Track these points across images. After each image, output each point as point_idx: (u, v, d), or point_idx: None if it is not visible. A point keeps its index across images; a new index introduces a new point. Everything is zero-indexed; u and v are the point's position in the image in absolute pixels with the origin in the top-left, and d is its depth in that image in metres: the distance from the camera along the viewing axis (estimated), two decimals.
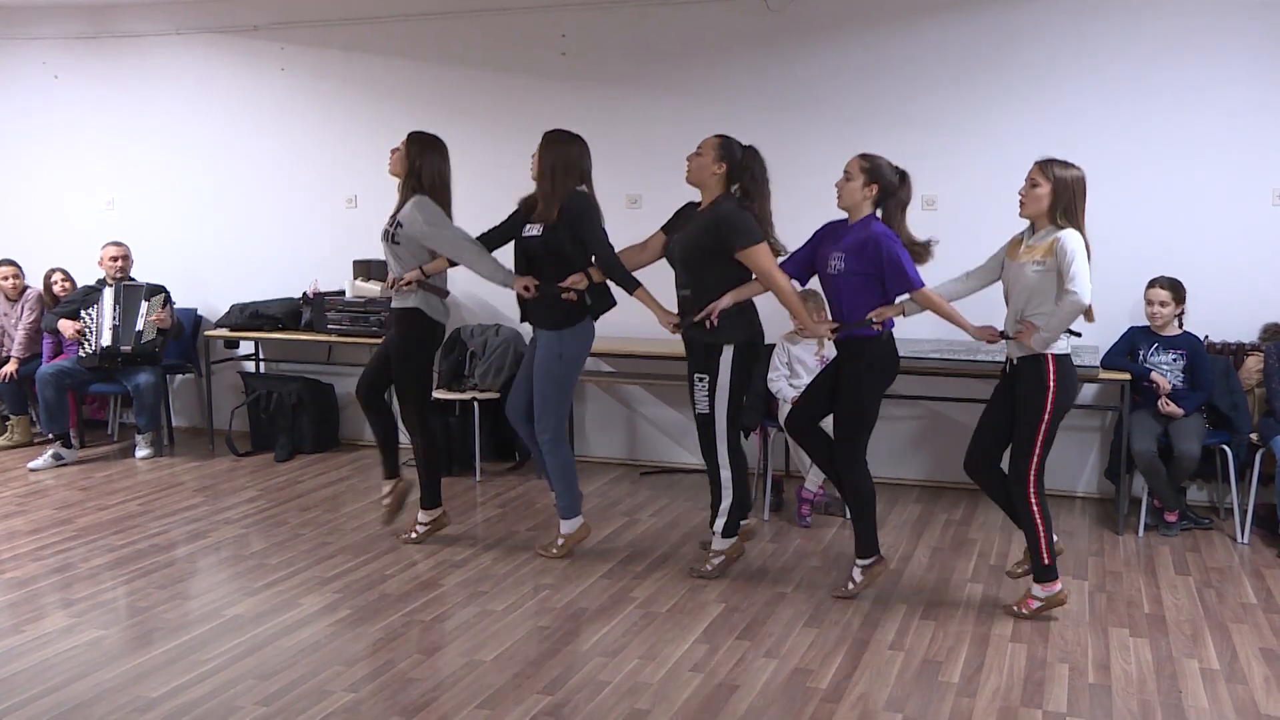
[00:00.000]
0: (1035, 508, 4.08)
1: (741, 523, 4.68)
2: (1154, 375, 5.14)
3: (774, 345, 5.55)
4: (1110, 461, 5.50)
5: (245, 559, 4.86)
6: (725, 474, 4.55)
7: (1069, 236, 3.89)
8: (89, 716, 3.38)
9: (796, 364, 5.46)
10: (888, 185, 4.22)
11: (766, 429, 5.60)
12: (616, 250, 4.64)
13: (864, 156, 4.26)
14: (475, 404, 6.24)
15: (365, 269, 6.69)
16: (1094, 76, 5.59)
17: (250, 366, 7.30)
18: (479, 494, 5.99)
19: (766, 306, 4.59)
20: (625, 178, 6.35)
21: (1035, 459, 4.04)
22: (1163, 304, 5.20)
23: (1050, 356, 3.97)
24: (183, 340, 7.10)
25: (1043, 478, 4.10)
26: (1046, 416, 3.99)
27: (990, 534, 5.20)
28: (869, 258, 4.15)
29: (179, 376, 7.44)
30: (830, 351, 5.50)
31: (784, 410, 5.38)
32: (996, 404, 4.22)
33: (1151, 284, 5.25)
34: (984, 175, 5.72)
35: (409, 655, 3.83)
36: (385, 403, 5.13)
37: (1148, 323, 5.27)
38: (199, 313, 7.29)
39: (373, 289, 6.54)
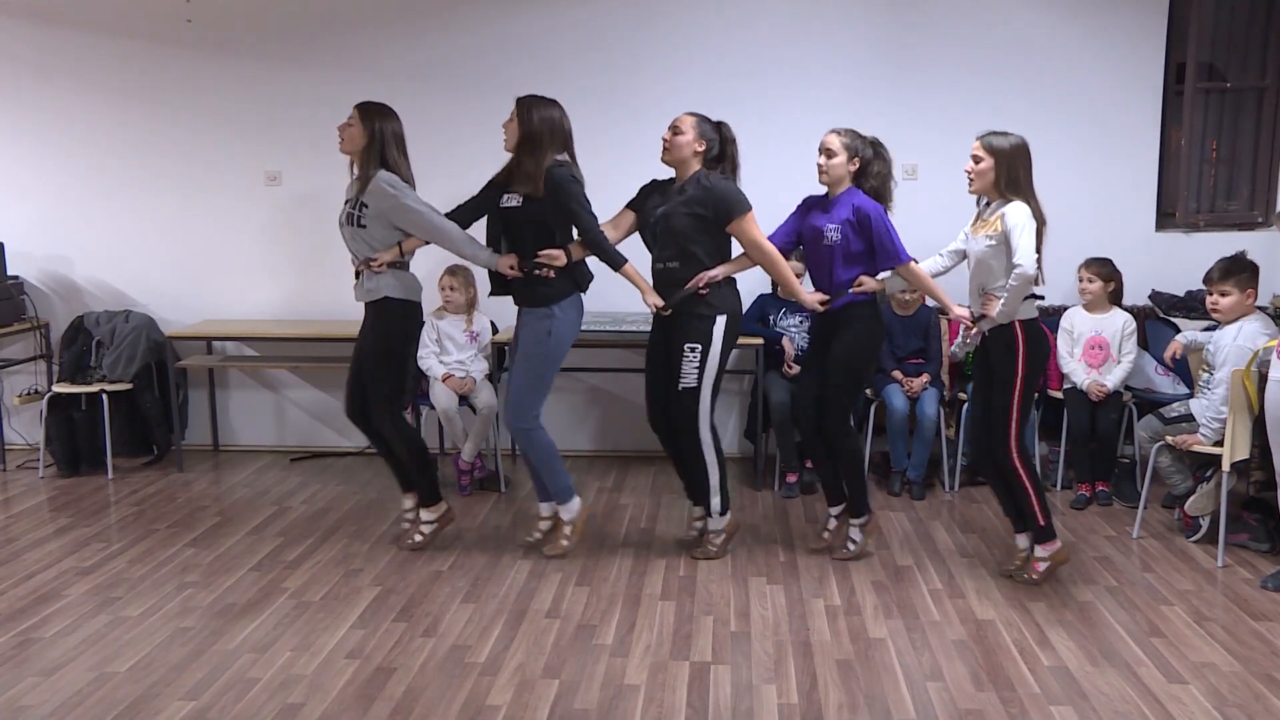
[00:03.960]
0: (1022, 472, 4.14)
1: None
2: (784, 340, 5.53)
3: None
4: (749, 422, 5.87)
5: None
6: (709, 453, 4.39)
7: (1012, 210, 3.95)
8: None
9: (445, 339, 5.44)
10: (866, 159, 4.26)
11: (419, 407, 5.55)
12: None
13: (839, 132, 4.26)
14: (104, 396, 5.76)
15: None
16: (721, 54, 5.94)
17: None
18: (112, 493, 5.53)
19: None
20: (263, 154, 6.06)
21: (1014, 425, 4.09)
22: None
23: (1018, 323, 4.04)
24: None
25: (1025, 443, 4.15)
26: (1020, 381, 4.06)
27: (640, 499, 5.43)
28: (862, 231, 4.20)
29: None
30: (478, 326, 5.53)
31: (435, 388, 5.34)
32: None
33: None
34: (622, 144, 5.86)
35: (22, 679, 3.46)
36: (406, 422, 4.62)
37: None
38: None
39: None
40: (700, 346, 4.29)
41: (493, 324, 5.71)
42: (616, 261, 4.28)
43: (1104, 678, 3.46)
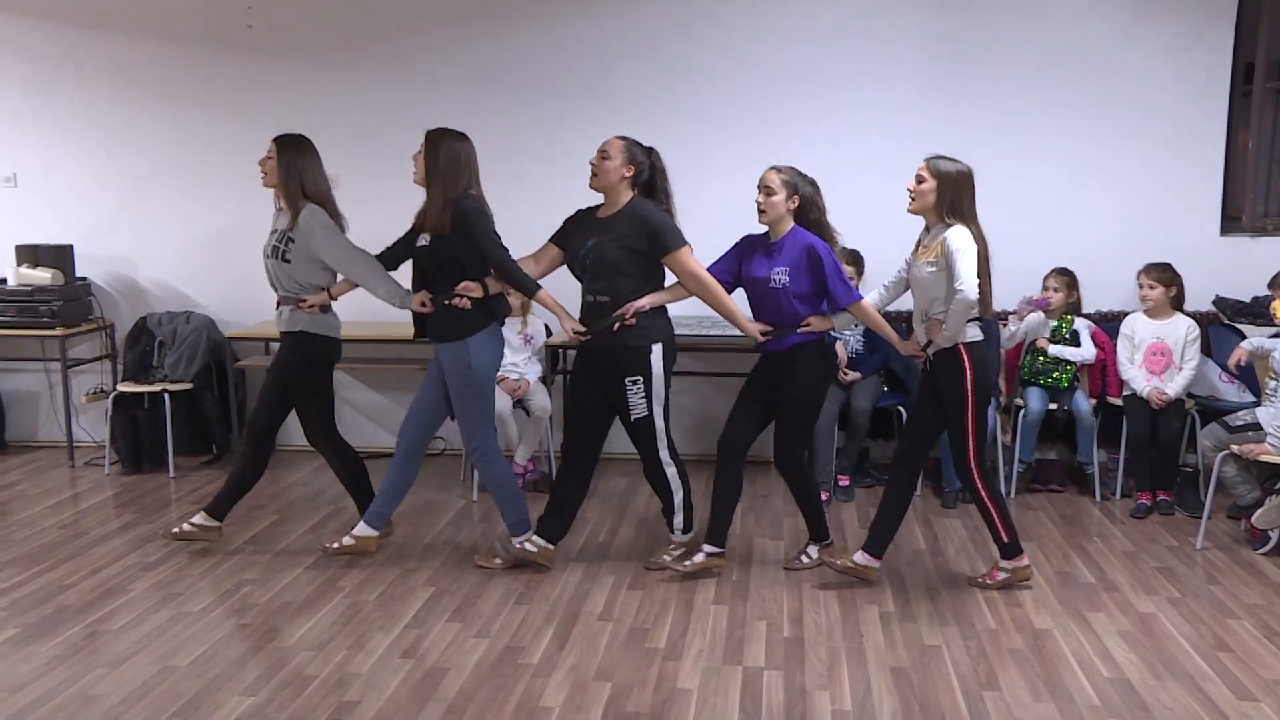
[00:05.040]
0: (985, 492, 4.14)
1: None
2: (837, 345, 5.49)
3: None
4: None
5: None
6: (671, 471, 4.42)
7: (954, 235, 3.94)
8: None
9: None
10: (807, 196, 4.20)
11: None
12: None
13: (779, 169, 4.19)
14: (166, 395, 5.86)
15: (31, 254, 6.12)
16: (775, 59, 5.91)
17: None
18: (173, 490, 5.64)
19: None
20: (321, 156, 6.10)
21: (972, 445, 4.08)
22: None
23: (962, 346, 4.03)
24: None
25: (985, 462, 4.16)
26: (971, 404, 4.04)
27: (695, 502, 5.40)
28: (812, 272, 4.16)
29: None
30: (532, 329, 5.56)
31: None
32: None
33: None
34: (678, 148, 5.84)
35: (92, 670, 3.55)
36: (341, 439, 4.74)
37: None
38: None
39: (41, 276, 6.01)
40: (641, 377, 4.26)
41: (546, 327, 5.74)
42: (529, 289, 4.23)
43: (1167, 692, 3.39)
